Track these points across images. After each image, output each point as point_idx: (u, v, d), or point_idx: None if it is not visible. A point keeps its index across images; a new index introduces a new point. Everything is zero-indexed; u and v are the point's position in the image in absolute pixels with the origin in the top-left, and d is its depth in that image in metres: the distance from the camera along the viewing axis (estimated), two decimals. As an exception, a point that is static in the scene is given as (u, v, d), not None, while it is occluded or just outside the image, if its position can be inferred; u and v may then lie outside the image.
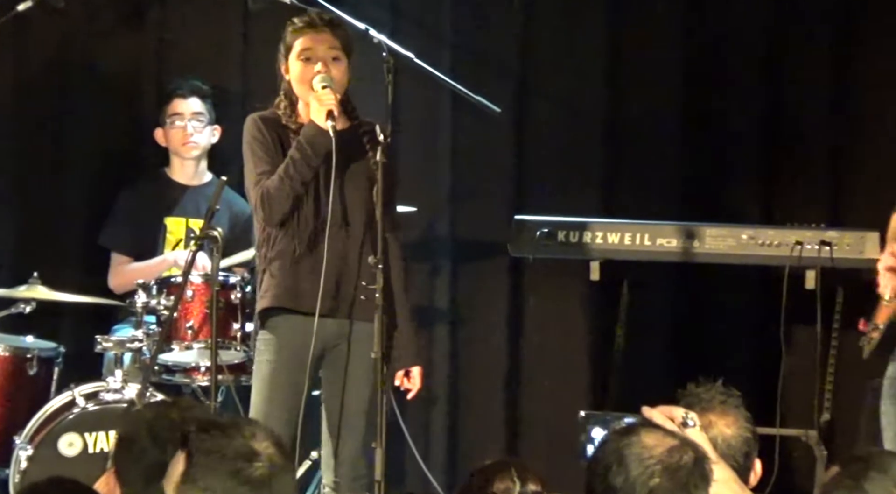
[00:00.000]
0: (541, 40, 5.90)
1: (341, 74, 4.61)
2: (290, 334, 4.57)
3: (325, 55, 4.59)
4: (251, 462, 2.70)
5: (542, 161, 5.92)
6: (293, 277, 4.55)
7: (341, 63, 4.61)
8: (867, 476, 2.72)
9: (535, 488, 3.14)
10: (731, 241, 5.49)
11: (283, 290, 4.55)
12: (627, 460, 2.67)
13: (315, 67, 4.57)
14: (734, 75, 5.82)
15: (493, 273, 5.86)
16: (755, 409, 3.16)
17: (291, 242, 4.57)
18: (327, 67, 4.57)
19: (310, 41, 4.60)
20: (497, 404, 5.82)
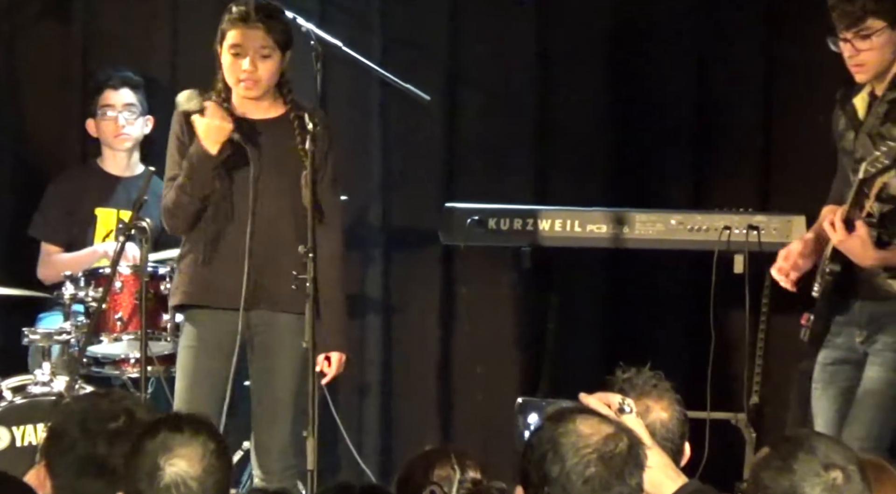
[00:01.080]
0: (470, 28, 5.90)
1: (270, 70, 4.59)
2: (210, 324, 4.57)
3: (254, 53, 4.57)
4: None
5: (473, 149, 5.92)
6: (205, 273, 4.55)
7: (271, 59, 4.60)
8: (796, 456, 2.75)
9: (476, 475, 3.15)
10: (660, 226, 5.53)
11: (193, 287, 4.57)
12: (563, 449, 2.68)
13: (243, 64, 4.56)
14: (662, 61, 5.85)
15: (425, 261, 5.86)
16: (685, 393, 3.19)
17: (205, 237, 4.56)
18: (255, 65, 4.56)
19: (241, 36, 4.59)
20: (430, 392, 5.82)
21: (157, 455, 2.84)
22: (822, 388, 4.39)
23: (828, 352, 4.39)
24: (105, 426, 3.04)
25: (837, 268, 4.30)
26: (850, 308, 4.36)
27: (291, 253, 4.50)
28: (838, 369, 4.37)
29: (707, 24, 5.83)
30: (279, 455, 4.54)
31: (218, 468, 2.85)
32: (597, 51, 5.87)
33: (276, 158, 4.62)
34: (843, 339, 4.38)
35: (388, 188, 5.90)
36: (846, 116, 4.43)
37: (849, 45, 4.37)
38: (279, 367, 4.57)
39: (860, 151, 4.35)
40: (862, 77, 4.39)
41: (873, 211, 4.27)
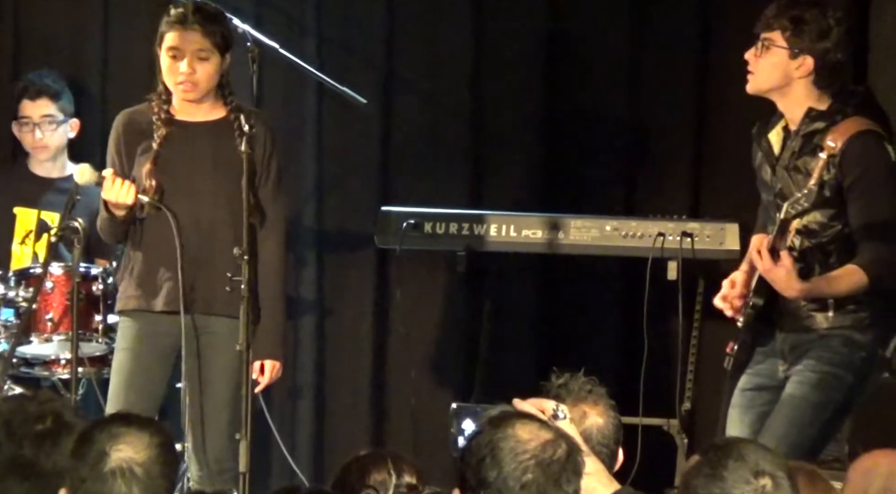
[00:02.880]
0: (405, 32, 5.91)
1: (208, 73, 4.58)
2: (146, 326, 4.56)
3: (192, 56, 4.56)
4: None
5: (408, 152, 5.92)
6: (147, 277, 4.53)
7: (209, 62, 4.59)
8: (726, 464, 2.78)
9: (411, 480, 3.15)
10: (595, 232, 5.56)
11: (134, 293, 4.56)
12: (501, 454, 2.68)
13: (180, 66, 4.54)
14: (596, 67, 5.88)
15: (360, 264, 5.85)
16: (618, 398, 3.21)
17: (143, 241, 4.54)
18: (193, 67, 4.55)
19: (178, 39, 4.57)
20: (364, 395, 5.81)
21: (104, 443, 2.84)
22: (740, 413, 4.40)
23: (748, 377, 4.42)
24: (31, 428, 3.02)
25: (760, 302, 4.34)
26: (773, 338, 4.40)
27: (229, 256, 4.48)
28: (757, 394, 4.40)
29: (640, 30, 5.87)
30: (215, 458, 4.53)
31: (164, 459, 2.85)
32: (531, 56, 5.89)
33: (214, 160, 4.61)
34: (765, 366, 4.41)
35: (323, 191, 5.88)
36: (762, 152, 4.48)
37: (753, 49, 4.43)
38: (215, 370, 4.55)
39: (778, 184, 4.41)
40: (749, 86, 4.45)
41: (794, 245, 4.32)
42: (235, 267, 4.46)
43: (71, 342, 4.65)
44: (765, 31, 4.39)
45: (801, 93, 4.38)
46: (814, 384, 4.30)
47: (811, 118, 4.37)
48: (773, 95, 4.44)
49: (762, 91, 4.44)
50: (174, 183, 4.57)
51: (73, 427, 3.00)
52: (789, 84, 4.38)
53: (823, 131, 4.32)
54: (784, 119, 4.45)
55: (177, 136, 4.60)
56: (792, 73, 4.37)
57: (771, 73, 4.37)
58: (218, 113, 4.66)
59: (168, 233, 4.54)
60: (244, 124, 4.55)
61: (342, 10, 5.90)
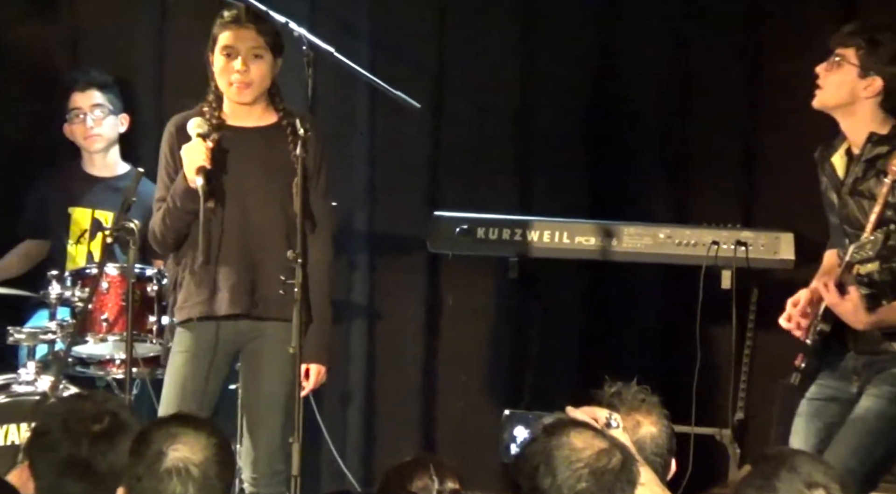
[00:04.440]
0: (456, 37, 5.92)
1: (262, 72, 4.60)
2: (204, 330, 4.57)
3: (246, 53, 4.58)
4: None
5: (459, 157, 5.93)
6: (206, 284, 4.55)
7: (263, 61, 4.61)
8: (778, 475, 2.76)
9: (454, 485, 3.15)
10: (648, 240, 5.54)
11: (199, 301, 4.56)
12: (555, 462, 2.68)
13: (235, 65, 4.56)
14: (648, 73, 5.87)
15: (411, 269, 5.86)
16: (670, 407, 3.20)
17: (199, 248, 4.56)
18: (247, 65, 4.57)
19: (233, 38, 4.60)
20: (413, 400, 5.82)
21: (161, 442, 2.86)
22: (806, 421, 4.38)
23: (818, 388, 4.39)
24: (89, 427, 3.05)
25: (828, 328, 4.33)
26: (843, 357, 4.38)
27: (282, 260, 4.50)
28: (825, 405, 4.38)
29: (691, 37, 5.85)
30: (267, 461, 4.54)
31: (220, 460, 2.87)
32: (581, 61, 5.88)
33: (267, 165, 4.62)
34: (836, 380, 4.39)
35: (374, 195, 5.90)
36: (826, 176, 4.47)
37: (825, 64, 4.41)
38: (268, 374, 4.56)
39: (845, 209, 4.40)
40: (815, 101, 4.44)
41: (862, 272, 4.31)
42: (287, 270, 4.48)
43: (125, 343, 4.66)
44: (839, 48, 4.39)
45: (865, 114, 4.37)
46: (891, 398, 4.28)
47: (873, 143, 4.38)
48: (837, 113, 4.43)
49: (828, 107, 4.43)
50: (226, 187, 4.58)
51: (130, 427, 3.03)
52: (855, 103, 4.37)
53: (887, 155, 4.33)
54: (846, 142, 4.44)
55: (228, 141, 4.62)
56: (859, 92, 4.36)
57: (839, 89, 4.36)
58: (269, 118, 4.68)
59: (223, 238, 4.55)
60: (299, 128, 4.57)
61: (394, 14, 5.92)
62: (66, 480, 3.03)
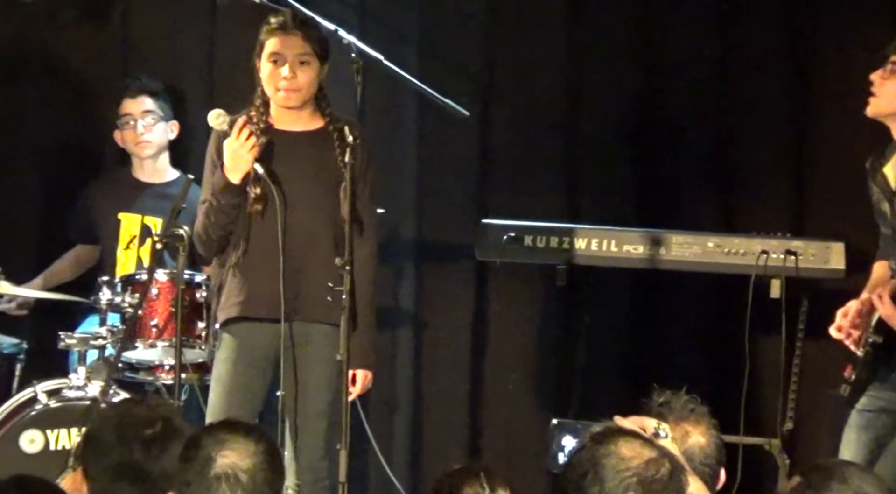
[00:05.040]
0: (505, 45, 5.92)
1: (309, 78, 4.61)
2: (247, 334, 4.58)
3: (293, 60, 4.59)
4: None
5: (507, 165, 5.92)
6: (248, 285, 4.55)
7: (310, 67, 4.63)
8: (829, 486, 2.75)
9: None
10: (696, 249, 5.52)
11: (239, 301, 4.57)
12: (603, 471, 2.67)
13: (282, 71, 4.58)
14: (693, 83, 5.86)
15: (458, 276, 5.86)
16: (719, 417, 3.19)
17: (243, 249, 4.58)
18: (294, 72, 4.59)
19: (279, 44, 4.62)
20: (460, 408, 5.81)
21: (210, 448, 2.87)
22: (857, 432, 4.34)
23: (869, 399, 4.36)
24: (141, 432, 3.07)
25: (880, 340, 4.29)
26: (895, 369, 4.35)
27: (328, 265, 4.51)
28: (877, 416, 4.34)
29: (740, 44, 5.83)
30: (312, 467, 4.55)
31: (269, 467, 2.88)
32: (629, 69, 5.87)
33: (314, 170, 4.64)
34: (887, 391, 4.36)
35: (422, 202, 5.90)
36: (878, 187, 4.43)
37: (880, 71, 4.36)
38: (313, 379, 4.57)
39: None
40: (869, 108, 4.39)
41: None
42: (334, 276, 4.49)
43: (175, 348, 4.69)
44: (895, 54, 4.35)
45: None
46: None
47: None
48: (890, 121, 4.39)
49: (882, 115, 4.39)
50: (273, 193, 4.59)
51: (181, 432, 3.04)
52: None
53: None
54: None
55: (276, 145, 4.64)
56: None
57: (895, 97, 4.32)
58: (316, 123, 4.69)
59: (269, 240, 4.57)
60: (348, 136, 4.58)
61: (443, 22, 5.92)
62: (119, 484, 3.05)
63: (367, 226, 4.66)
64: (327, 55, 4.69)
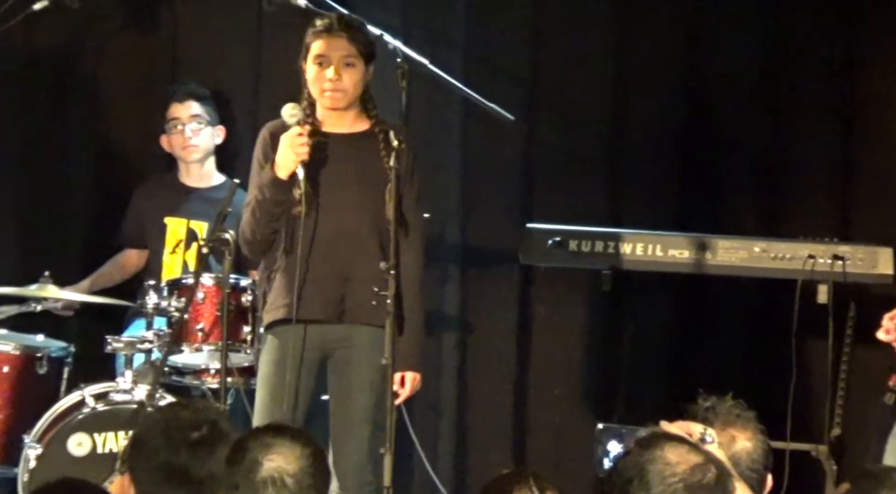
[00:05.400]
0: (550, 50, 5.91)
1: (354, 80, 4.62)
2: (292, 336, 4.58)
3: (338, 62, 4.60)
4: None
5: (552, 169, 5.92)
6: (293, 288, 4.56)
7: (355, 69, 4.63)
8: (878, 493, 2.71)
9: (554, 499, 3.13)
10: (743, 253, 5.50)
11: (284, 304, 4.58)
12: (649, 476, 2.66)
13: (327, 73, 4.59)
14: (740, 87, 5.83)
15: (503, 281, 5.86)
16: (765, 423, 3.17)
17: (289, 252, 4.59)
18: (339, 74, 4.59)
19: (325, 46, 4.63)
20: (505, 412, 5.81)
21: (257, 452, 2.88)
22: None
23: None
24: (188, 435, 3.08)
25: None
26: None
27: (373, 268, 4.51)
28: None
29: (785, 50, 5.80)
30: (356, 471, 4.54)
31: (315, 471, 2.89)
32: (673, 74, 5.86)
33: (359, 173, 4.64)
34: None
35: (467, 206, 5.90)
36: None
37: None
38: (358, 382, 4.57)
39: None
40: None
41: None
42: (379, 280, 4.49)
43: (220, 353, 4.70)
44: None
45: None
46: None
47: None
48: None
49: None
50: (319, 194, 4.60)
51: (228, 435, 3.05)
52: None
53: None
54: None
55: (321, 147, 4.65)
56: None
57: None
58: (362, 125, 4.70)
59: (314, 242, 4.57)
60: (393, 140, 4.58)
61: (488, 26, 5.92)
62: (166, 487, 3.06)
63: (412, 229, 4.66)
64: (373, 57, 4.69)
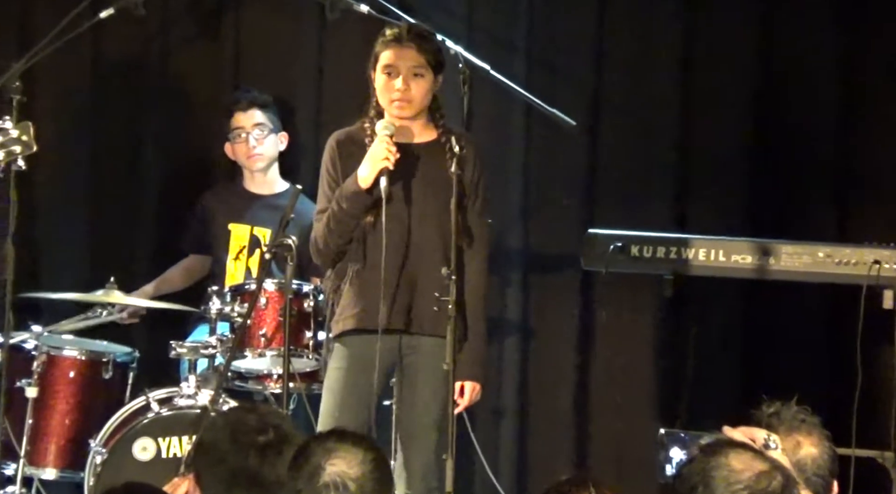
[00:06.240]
0: (614, 54, 5.89)
1: (422, 90, 4.63)
2: (360, 345, 4.60)
3: (407, 72, 4.61)
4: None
5: (614, 174, 5.90)
6: (364, 297, 4.58)
7: (424, 79, 4.64)
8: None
9: (615, 504, 3.11)
10: (807, 258, 5.45)
11: (355, 313, 4.59)
12: (713, 483, 2.64)
13: (396, 83, 4.60)
14: (805, 90, 5.79)
15: (565, 286, 5.84)
16: (830, 429, 3.14)
17: (359, 262, 4.60)
18: (408, 84, 4.60)
19: (394, 56, 4.64)
20: (566, 417, 5.79)
21: (320, 457, 2.89)
22: None
23: None
24: (255, 438, 3.10)
25: None
26: None
27: (438, 276, 4.52)
28: None
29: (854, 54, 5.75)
30: (422, 477, 4.56)
31: (377, 476, 2.90)
32: (739, 78, 5.82)
33: (426, 181, 4.65)
34: None
35: (529, 212, 5.90)
36: None
37: None
38: (423, 390, 4.58)
39: None
40: None
41: None
42: (442, 287, 4.50)
43: (283, 358, 4.72)
44: None
45: None
46: None
47: None
48: None
49: None
50: (387, 203, 4.62)
51: (293, 439, 3.07)
52: None
53: None
54: None
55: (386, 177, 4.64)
56: None
57: None
58: (429, 135, 4.70)
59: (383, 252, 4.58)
60: (455, 146, 4.59)
61: (551, 31, 5.92)
62: (235, 490, 3.08)
63: (477, 238, 4.67)
64: (442, 67, 4.70)
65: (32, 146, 4.61)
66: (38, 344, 5.15)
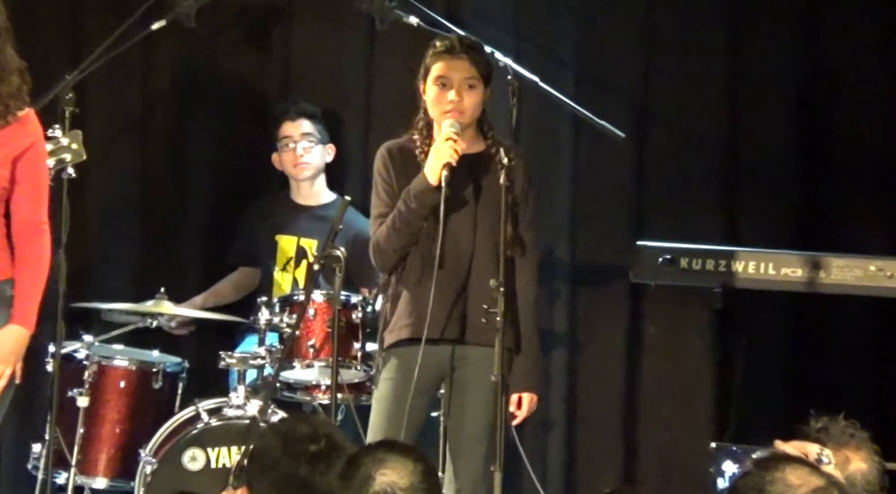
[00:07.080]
0: (661, 67, 5.88)
1: (474, 101, 4.64)
2: (410, 356, 4.60)
3: (459, 84, 4.62)
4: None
5: (662, 186, 5.89)
6: (416, 309, 4.58)
7: (476, 91, 4.64)
8: None
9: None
10: (857, 272, 5.42)
11: (408, 323, 4.59)
12: (769, 498, 2.62)
13: (449, 95, 4.61)
14: (853, 101, 5.76)
15: (613, 298, 5.83)
16: (880, 443, 3.12)
17: (413, 273, 4.61)
18: (461, 95, 4.61)
19: (446, 68, 4.64)
20: (614, 430, 5.78)
21: (370, 467, 2.90)
22: None
23: None
24: (307, 447, 3.12)
25: None
26: None
27: (488, 288, 4.52)
28: None
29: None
30: (471, 489, 4.55)
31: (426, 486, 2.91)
32: (787, 91, 5.80)
33: (476, 193, 4.66)
34: None
35: (577, 224, 5.89)
36: None
37: None
38: (472, 401, 4.58)
39: None
40: None
41: None
42: (490, 298, 4.50)
43: (331, 369, 4.74)
44: None
45: None
46: None
47: None
48: None
49: None
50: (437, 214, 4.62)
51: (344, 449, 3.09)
52: None
53: None
54: None
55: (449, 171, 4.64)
56: None
57: None
58: (478, 146, 4.71)
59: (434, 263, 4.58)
60: (503, 157, 4.59)
61: (599, 43, 5.91)
62: (286, 498, 3.09)
63: (528, 249, 4.67)
64: (490, 78, 4.71)
65: (82, 154, 4.64)
66: (89, 354, 5.19)
